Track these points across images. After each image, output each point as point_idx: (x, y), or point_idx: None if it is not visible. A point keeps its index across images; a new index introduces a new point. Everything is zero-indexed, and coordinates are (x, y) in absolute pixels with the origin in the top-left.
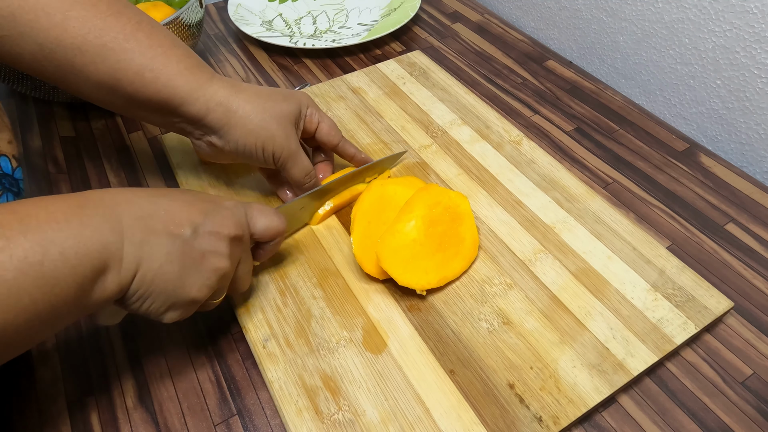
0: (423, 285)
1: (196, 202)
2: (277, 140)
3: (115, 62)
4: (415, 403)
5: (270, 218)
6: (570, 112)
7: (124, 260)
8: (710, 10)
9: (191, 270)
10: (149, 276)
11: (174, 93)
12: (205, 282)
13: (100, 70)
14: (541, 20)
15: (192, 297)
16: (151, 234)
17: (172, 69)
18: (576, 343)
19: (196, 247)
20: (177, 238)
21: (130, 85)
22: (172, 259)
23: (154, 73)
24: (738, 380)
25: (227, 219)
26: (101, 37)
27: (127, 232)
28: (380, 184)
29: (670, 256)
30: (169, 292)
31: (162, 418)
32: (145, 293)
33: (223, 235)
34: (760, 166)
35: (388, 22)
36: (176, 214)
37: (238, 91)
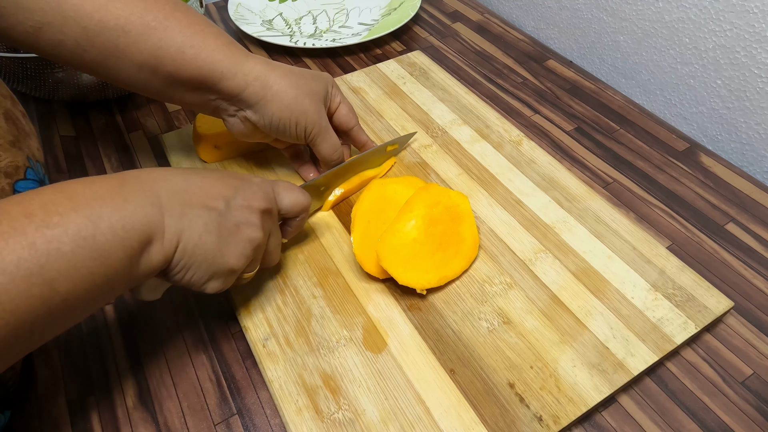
0: (423, 284)
1: (226, 178)
2: (310, 116)
3: (158, 40)
4: (415, 402)
5: (296, 194)
6: (570, 112)
7: (166, 232)
8: (710, 9)
9: (228, 240)
10: (190, 246)
11: (214, 68)
12: (241, 251)
13: (143, 50)
14: (542, 20)
15: (231, 266)
16: (188, 207)
17: (210, 45)
18: (576, 342)
19: (230, 219)
20: (212, 210)
21: (171, 62)
22: (210, 230)
23: (195, 50)
24: (738, 380)
25: (257, 193)
26: (143, 17)
27: (166, 206)
28: (380, 183)
29: (670, 255)
30: (210, 262)
31: (162, 418)
32: (187, 263)
33: (255, 208)
34: (760, 165)
35: (388, 21)
36: (209, 189)
37: (273, 68)
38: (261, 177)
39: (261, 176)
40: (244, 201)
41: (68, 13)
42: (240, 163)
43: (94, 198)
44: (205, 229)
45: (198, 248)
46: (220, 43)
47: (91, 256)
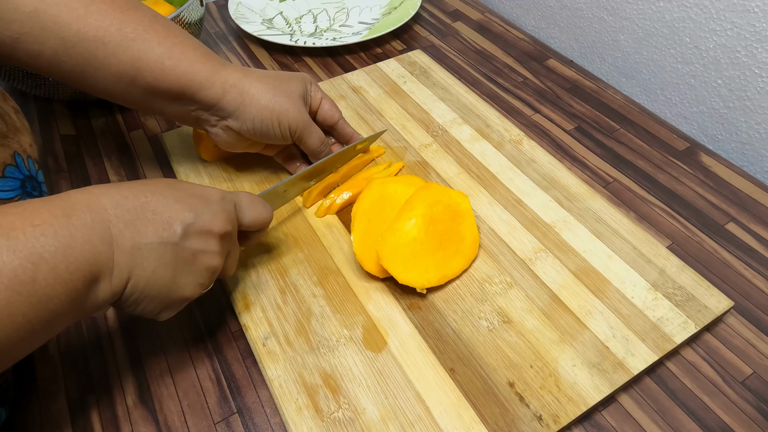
0: (423, 283)
1: (185, 198)
2: (291, 113)
3: (137, 52)
4: (415, 401)
5: (258, 210)
6: (570, 111)
7: (115, 269)
8: (711, 9)
9: (184, 271)
10: (142, 282)
11: (193, 78)
12: (198, 281)
13: (122, 61)
14: (542, 19)
15: (186, 296)
16: (141, 238)
17: (189, 56)
18: (576, 341)
19: (187, 249)
20: (168, 242)
21: (150, 73)
22: (165, 263)
23: (174, 61)
24: (738, 379)
25: (217, 215)
26: (122, 28)
27: (117, 239)
28: (381, 182)
29: (670, 255)
30: (163, 295)
31: (162, 416)
32: (138, 298)
33: (214, 233)
34: (760, 165)
35: (388, 20)
36: (165, 214)
37: (248, 73)
38: (221, 192)
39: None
40: (204, 226)
41: (46, 24)
42: (241, 160)
43: (35, 235)
44: (159, 263)
45: (151, 283)
46: (199, 55)
47: (29, 302)
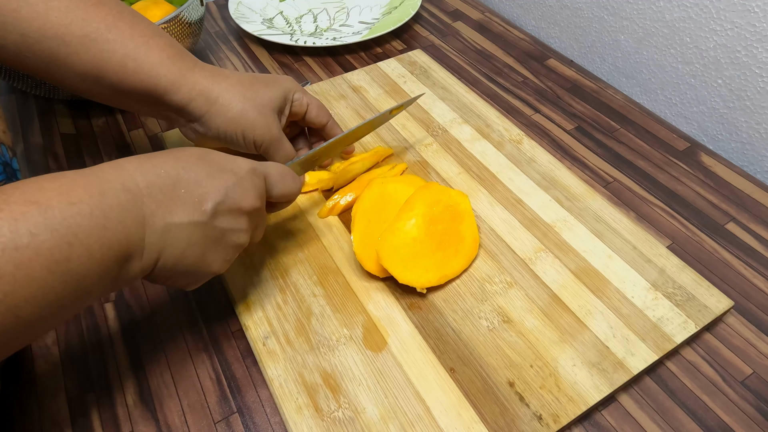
0: (423, 283)
1: (216, 174)
2: (258, 128)
3: (98, 52)
4: (415, 401)
5: (288, 183)
6: (571, 111)
7: (146, 248)
8: (711, 8)
9: (213, 249)
10: (171, 261)
11: (157, 83)
12: (225, 257)
13: (84, 61)
14: (542, 19)
15: (214, 272)
16: (172, 219)
17: (154, 58)
18: (576, 341)
19: (217, 227)
20: (198, 221)
21: (114, 75)
22: (194, 242)
23: (137, 63)
24: (738, 379)
25: (247, 191)
26: (84, 27)
27: (149, 220)
28: (381, 182)
29: (670, 255)
30: (192, 271)
31: (162, 416)
32: (168, 274)
33: (244, 210)
34: (760, 165)
35: (388, 20)
36: (196, 192)
37: (219, 80)
38: (252, 164)
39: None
40: (234, 204)
41: (6, 18)
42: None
43: (72, 215)
44: (188, 243)
45: (180, 262)
46: (165, 56)
47: (62, 280)
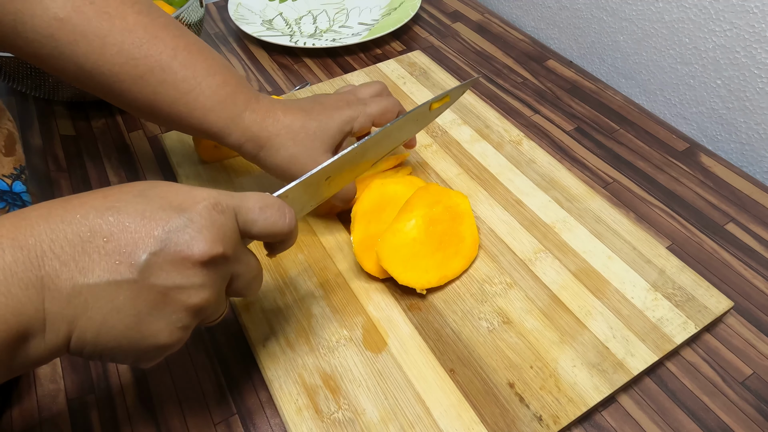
0: (423, 284)
1: (156, 212)
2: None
3: (152, 94)
4: (415, 402)
5: (272, 218)
6: (570, 112)
7: (48, 322)
8: (710, 9)
9: (151, 315)
10: (90, 334)
11: (209, 128)
12: (174, 324)
13: (138, 98)
14: (542, 20)
15: (162, 344)
16: (84, 279)
17: (205, 104)
18: (576, 342)
19: (152, 285)
20: (122, 278)
21: (167, 115)
22: (119, 308)
23: (188, 108)
24: (738, 380)
25: (199, 235)
26: (137, 67)
27: (49, 283)
28: (380, 183)
29: (670, 255)
30: (127, 346)
31: (162, 417)
32: (94, 350)
33: (194, 260)
34: (760, 165)
35: (388, 21)
36: (123, 239)
37: (270, 123)
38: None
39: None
40: (177, 252)
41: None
42: (242, 160)
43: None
44: (111, 309)
45: (103, 334)
46: (216, 101)
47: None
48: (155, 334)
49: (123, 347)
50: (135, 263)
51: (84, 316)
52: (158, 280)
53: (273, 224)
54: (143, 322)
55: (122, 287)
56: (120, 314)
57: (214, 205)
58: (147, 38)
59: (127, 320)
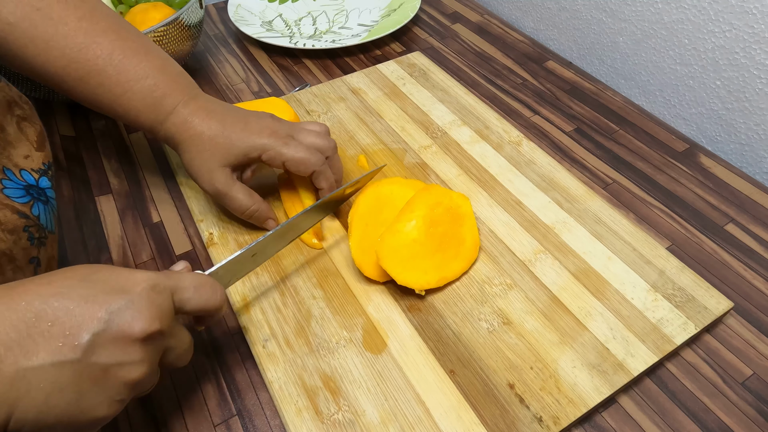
0: (422, 285)
1: (98, 296)
2: (202, 181)
3: (92, 94)
4: (415, 403)
5: (205, 295)
6: (570, 113)
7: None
8: (710, 10)
9: (92, 391)
10: (32, 414)
11: (141, 126)
12: (114, 398)
13: (83, 97)
14: (541, 21)
15: (100, 417)
16: (28, 362)
17: (136, 106)
18: (576, 343)
19: (95, 363)
20: (66, 359)
21: (109, 112)
22: (63, 386)
23: (123, 108)
24: (738, 381)
25: (140, 314)
26: (78, 70)
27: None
28: (376, 185)
29: (670, 256)
30: (66, 422)
31: (162, 418)
32: (32, 429)
33: (134, 338)
34: (759, 166)
35: (387, 22)
36: (66, 323)
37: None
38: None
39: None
40: (119, 331)
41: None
42: None
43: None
44: (53, 389)
45: (44, 414)
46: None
47: None
48: (95, 407)
49: (63, 423)
50: (78, 344)
51: (26, 398)
52: (100, 359)
53: (206, 301)
54: (84, 399)
55: (65, 367)
56: (62, 393)
57: (152, 287)
58: (86, 43)
59: (69, 398)
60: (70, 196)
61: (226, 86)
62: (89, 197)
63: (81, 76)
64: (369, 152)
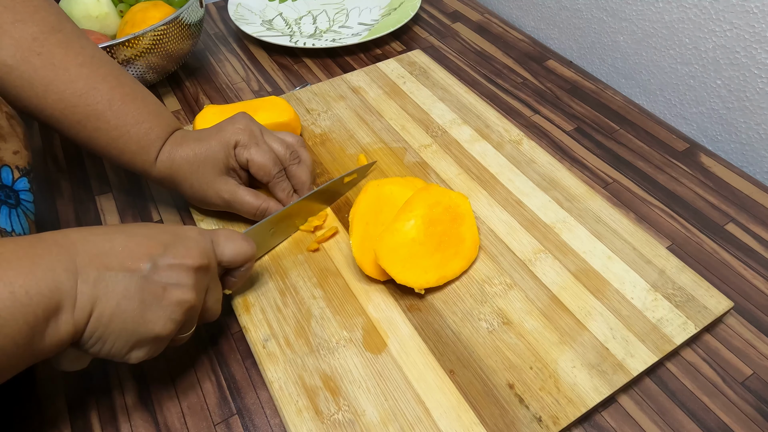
0: (421, 284)
1: (156, 235)
2: (210, 197)
3: (87, 137)
4: (414, 403)
5: (239, 244)
6: (570, 112)
7: (78, 300)
8: (710, 9)
9: (152, 305)
10: (106, 315)
11: (135, 168)
12: (169, 316)
13: (77, 138)
14: (542, 20)
15: (156, 333)
16: (106, 271)
17: (132, 149)
18: (576, 343)
19: (156, 281)
20: (135, 273)
21: (102, 154)
22: (130, 295)
23: (118, 151)
24: (738, 380)
25: (191, 249)
26: (75, 114)
27: (82, 270)
28: (376, 184)
29: (670, 256)
30: (130, 331)
31: (162, 418)
32: (103, 334)
33: (187, 266)
34: (760, 166)
35: (388, 21)
36: (134, 249)
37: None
38: (198, 229)
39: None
40: (175, 259)
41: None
42: None
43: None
44: (124, 295)
45: (115, 317)
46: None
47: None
48: (154, 321)
49: (127, 331)
50: (143, 263)
51: (104, 298)
52: (161, 278)
53: (239, 249)
54: (146, 310)
55: (133, 279)
56: (130, 301)
57: (199, 233)
58: (86, 89)
59: (135, 306)
60: (70, 196)
61: (227, 85)
62: (89, 196)
63: (79, 120)
64: (369, 151)
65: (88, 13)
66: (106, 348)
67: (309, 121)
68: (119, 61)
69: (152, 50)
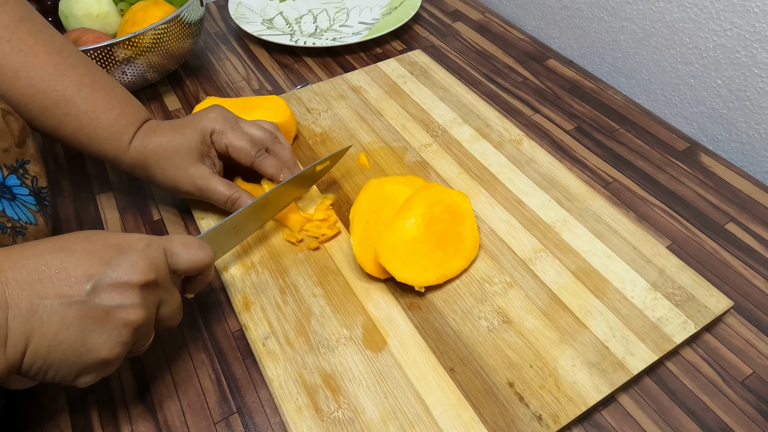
0: (421, 282)
1: (98, 250)
2: (182, 185)
3: (56, 123)
4: (414, 401)
5: (194, 252)
6: (570, 112)
7: (9, 336)
8: (711, 9)
9: (95, 331)
10: (43, 348)
11: (105, 155)
12: (115, 340)
13: (45, 126)
14: (542, 19)
15: (102, 358)
16: (40, 300)
17: (102, 135)
18: (576, 341)
19: (98, 304)
20: (72, 298)
21: (70, 141)
22: (69, 323)
23: (88, 138)
24: (738, 380)
25: (136, 264)
26: (44, 99)
27: (12, 303)
28: (377, 183)
29: (670, 255)
30: (73, 359)
31: (162, 416)
32: (42, 366)
33: (132, 284)
34: (760, 165)
35: (388, 20)
36: (71, 270)
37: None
38: (147, 238)
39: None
40: (118, 277)
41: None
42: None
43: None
44: (61, 325)
45: (53, 350)
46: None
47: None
48: (99, 347)
49: (69, 361)
50: (82, 288)
51: (39, 331)
52: (102, 301)
53: (195, 257)
54: (89, 337)
55: (72, 307)
56: (69, 330)
57: (147, 245)
58: (56, 75)
59: (76, 335)
60: (70, 195)
61: (227, 84)
62: (90, 195)
63: (47, 106)
64: (369, 150)
65: (88, 12)
66: (50, 376)
67: (309, 120)
68: (119, 60)
69: (153, 49)
